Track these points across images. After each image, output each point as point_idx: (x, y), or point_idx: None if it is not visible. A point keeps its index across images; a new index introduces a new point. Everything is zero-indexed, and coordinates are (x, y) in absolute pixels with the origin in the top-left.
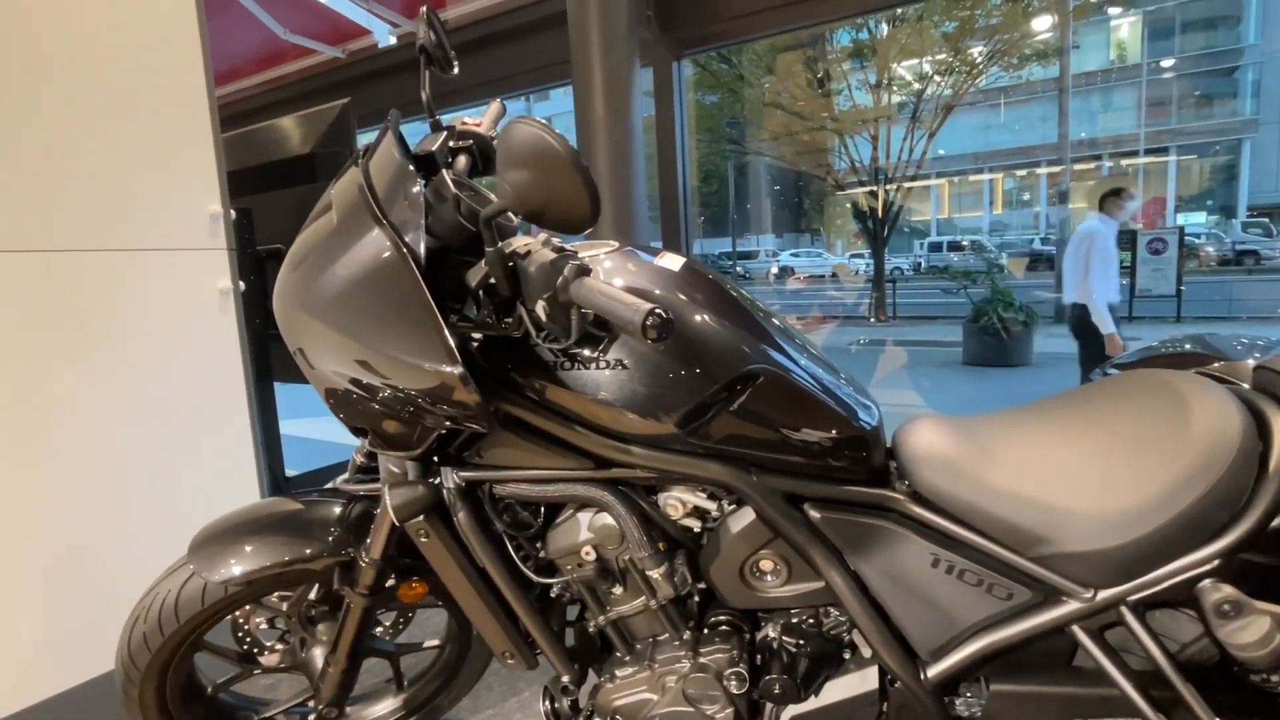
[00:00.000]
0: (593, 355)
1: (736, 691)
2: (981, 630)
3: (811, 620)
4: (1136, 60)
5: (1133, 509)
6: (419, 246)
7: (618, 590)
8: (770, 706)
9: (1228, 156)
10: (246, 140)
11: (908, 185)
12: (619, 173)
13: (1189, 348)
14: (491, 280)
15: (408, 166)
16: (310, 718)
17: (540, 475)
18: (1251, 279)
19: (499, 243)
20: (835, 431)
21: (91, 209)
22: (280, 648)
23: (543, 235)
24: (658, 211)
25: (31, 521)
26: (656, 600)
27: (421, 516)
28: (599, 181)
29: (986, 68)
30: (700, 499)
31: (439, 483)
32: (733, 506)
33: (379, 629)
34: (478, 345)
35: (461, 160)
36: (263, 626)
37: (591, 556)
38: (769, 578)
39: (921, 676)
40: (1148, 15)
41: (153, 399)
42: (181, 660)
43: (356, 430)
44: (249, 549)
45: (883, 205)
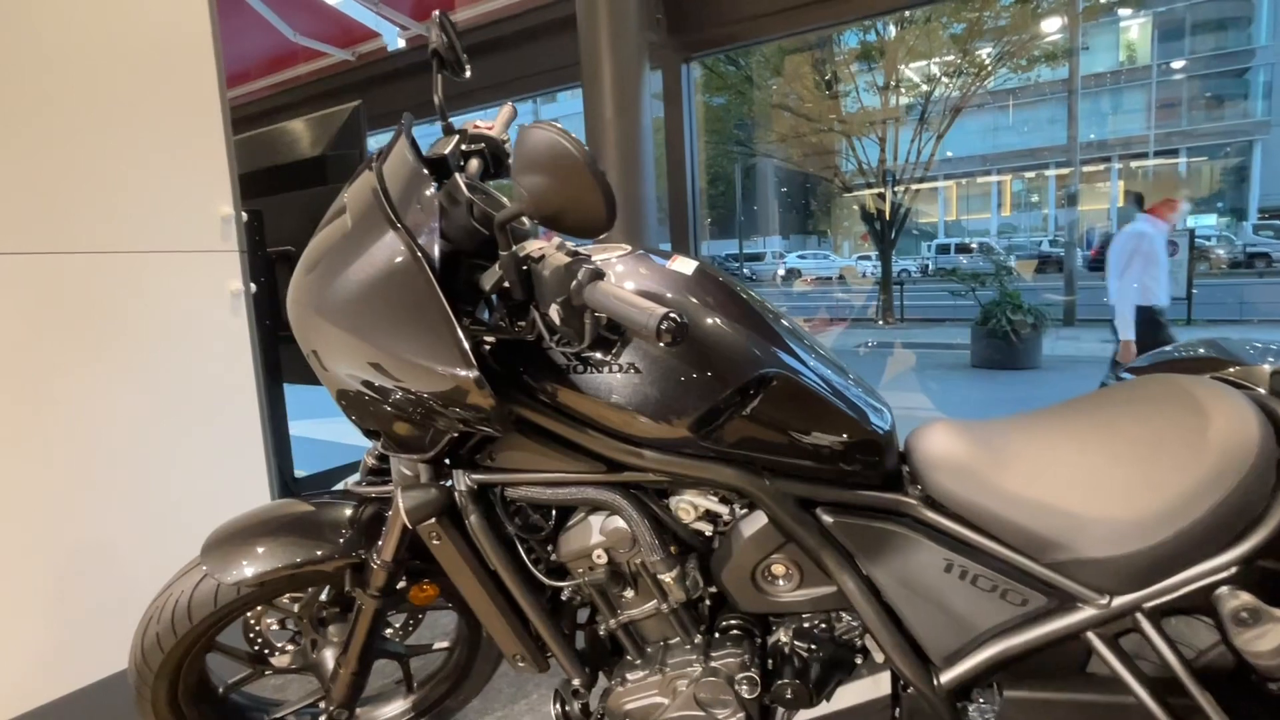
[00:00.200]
0: (605, 359)
1: (748, 696)
2: (995, 636)
3: (823, 625)
4: (1146, 62)
5: (1149, 515)
6: (433, 250)
7: (629, 594)
8: (782, 711)
9: (1239, 159)
10: (258, 142)
11: (915, 187)
12: (628, 175)
13: (1203, 352)
14: (505, 284)
15: (422, 170)
16: (320, 718)
17: (552, 478)
18: (1263, 281)
19: (513, 246)
20: (848, 435)
21: (104, 211)
22: (291, 649)
23: (556, 239)
24: (666, 214)
25: (45, 522)
26: (668, 604)
27: (434, 519)
28: None
29: (995, 69)
30: (712, 503)
31: (451, 485)
32: (744, 510)
33: (389, 630)
34: (490, 348)
35: (474, 163)
36: (274, 628)
37: (603, 560)
38: (781, 582)
39: (934, 682)
40: (1158, 17)
41: (164, 400)
42: (194, 660)
43: (369, 432)
44: (262, 550)
45: (890, 207)
